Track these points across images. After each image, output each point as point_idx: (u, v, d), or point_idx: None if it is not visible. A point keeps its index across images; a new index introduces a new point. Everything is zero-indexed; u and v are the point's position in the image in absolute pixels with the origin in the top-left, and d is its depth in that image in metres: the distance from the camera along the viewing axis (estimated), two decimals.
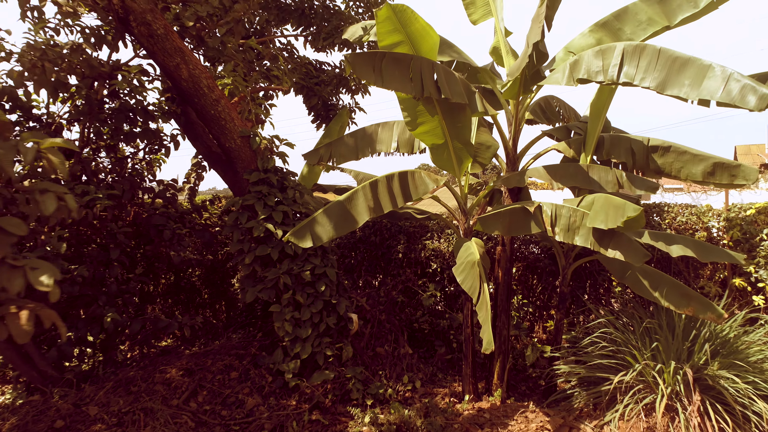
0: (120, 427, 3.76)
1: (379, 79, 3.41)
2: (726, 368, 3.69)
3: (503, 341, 4.67)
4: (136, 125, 4.77)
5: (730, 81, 3.12)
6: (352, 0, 6.91)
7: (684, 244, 3.98)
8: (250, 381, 4.44)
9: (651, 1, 4.23)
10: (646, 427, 3.76)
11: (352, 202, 3.76)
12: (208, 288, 7.29)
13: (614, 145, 4.34)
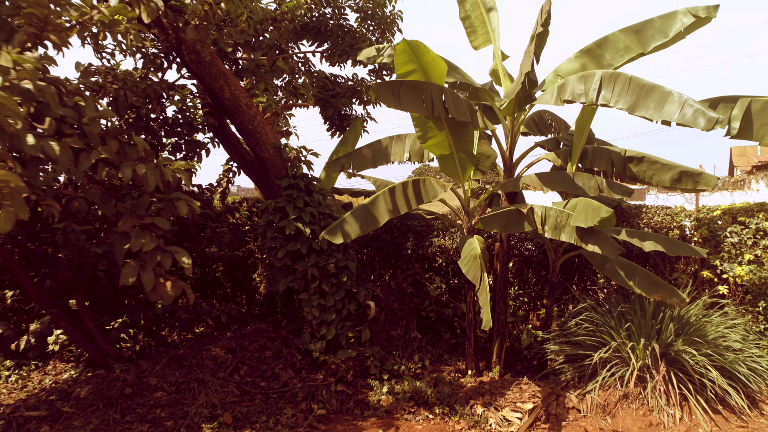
0: (178, 394, 4.47)
1: (397, 102, 4.12)
2: (688, 344, 4.39)
3: (501, 325, 5.37)
4: (182, 137, 5.48)
5: (685, 106, 3.81)
6: (364, 20, 7.61)
7: (655, 241, 4.67)
8: (282, 359, 5.15)
9: (628, 31, 4.92)
10: (622, 395, 4.46)
11: (374, 206, 4.47)
12: (230, 282, 8.00)
13: (596, 155, 5.05)
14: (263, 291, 8.15)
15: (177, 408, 4.31)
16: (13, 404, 4.46)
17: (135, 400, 4.39)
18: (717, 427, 4.02)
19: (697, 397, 4.19)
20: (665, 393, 4.27)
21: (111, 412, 4.18)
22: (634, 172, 4.97)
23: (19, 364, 5.40)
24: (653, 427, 4.13)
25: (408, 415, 4.48)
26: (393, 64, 5.54)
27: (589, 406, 4.47)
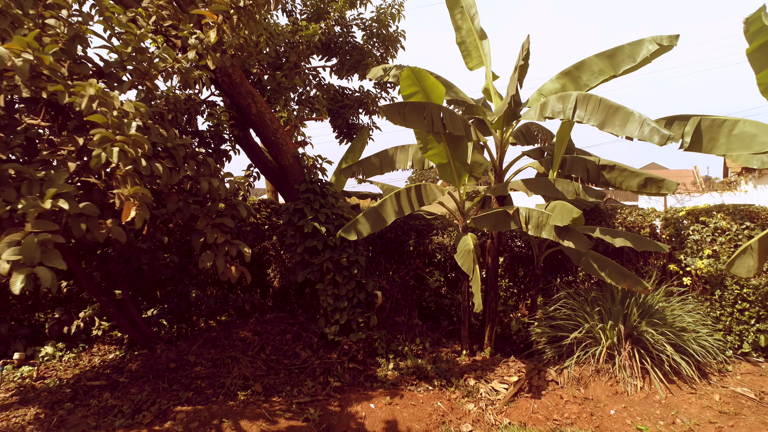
0: (215, 369, 5.23)
1: (402, 120, 4.88)
2: (650, 326, 5.15)
3: (492, 312, 6.13)
4: (210, 147, 6.23)
5: (644, 125, 4.57)
6: (370, 37, 8.36)
7: (624, 238, 5.44)
8: (301, 341, 5.91)
9: (602, 56, 5.69)
10: (594, 369, 5.22)
11: (383, 208, 5.23)
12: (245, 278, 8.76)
13: (574, 163, 5.81)
14: (277, 285, 8.90)
15: (215, 380, 5.06)
16: (73, 377, 5.22)
17: (178, 373, 5.14)
18: (671, 394, 4.78)
19: (656, 370, 4.95)
20: (629, 367, 5.03)
21: (160, 383, 4.94)
22: (606, 178, 5.73)
23: (69, 347, 6.14)
24: (618, 395, 4.89)
25: (411, 387, 5.24)
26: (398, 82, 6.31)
27: (566, 379, 5.23)
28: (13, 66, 2.20)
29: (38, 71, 2.37)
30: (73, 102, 2.39)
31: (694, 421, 4.35)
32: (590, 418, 4.61)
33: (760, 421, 4.29)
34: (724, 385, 4.88)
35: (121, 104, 2.48)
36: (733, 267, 4.47)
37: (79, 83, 2.39)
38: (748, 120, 4.81)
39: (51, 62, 2.39)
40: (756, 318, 5.63)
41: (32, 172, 2.24)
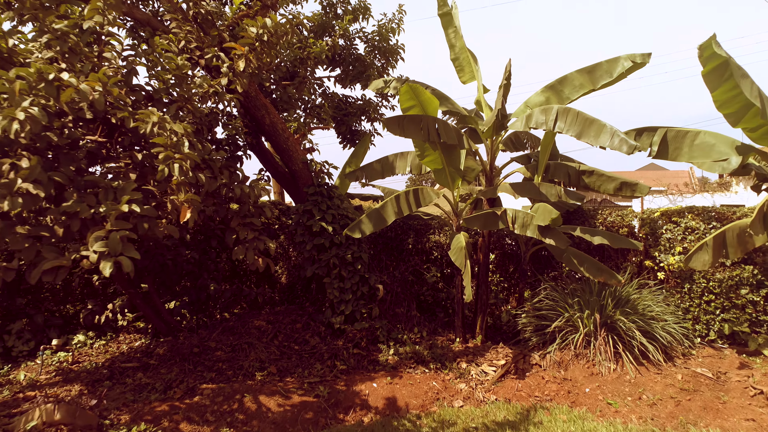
0: (234, 353, 5.84)
1: (402, 131, 5.48)
2: (623, 315, 5.75)
3: (483, 304, 6.74)
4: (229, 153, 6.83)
5: (614, 136, 5.16)
6: (372, 50, 8.96)
7: (602, 236, 6.04)
8: (310, 329, 6.51)
9: (582, 71, 6.28)
10: (573, 354, 5.82)
11: (384, 209, 5.84)
12: (255, 274, 9.35)
13: (557, 169, 6.41)
14: (284, 281, 9.50)
15: (234, 362, 5.67)
16: (107, 361, 5.83)
17: (201, 356, 5.75)
18: (640, 374, 5.39)
19: (627, 353, 5.55)
20: (604, 351, 5.64)
21: (186, 365, 5.55)
22: (586, 182, 6.34)
23: (98, 335, 6.75)
24: (594, 376, 5.49)
25: (409, 370, 5.85)
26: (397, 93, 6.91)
27: (548, 363, 5.83)
28: (93, 99, 2.79)
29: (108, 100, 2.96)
30: (137, 126, 2.99)
31: (658, 396, 4.95)
32: (567, 395, 5.22)
33: (715, 396, 4.89)
34: (687, 367, 5.48)
35: (167, 123, 3.08)
36: (691, 261, 5.08)
37: (143, 111, 2.98)
38: (708, 131, 5.42)
39: (118, 93, 2.98)
40: (721, 309, 6.23)
41: (107, 182, 2.83)
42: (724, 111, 4.97)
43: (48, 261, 2.70)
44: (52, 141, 2.82)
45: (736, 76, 4.60)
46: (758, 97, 4.67)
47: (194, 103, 3.71)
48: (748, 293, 6.12)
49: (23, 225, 2.78)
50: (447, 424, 4.65)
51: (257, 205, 4.16)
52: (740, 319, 6.15)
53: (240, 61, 3.88)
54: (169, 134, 2.95)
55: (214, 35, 5.44)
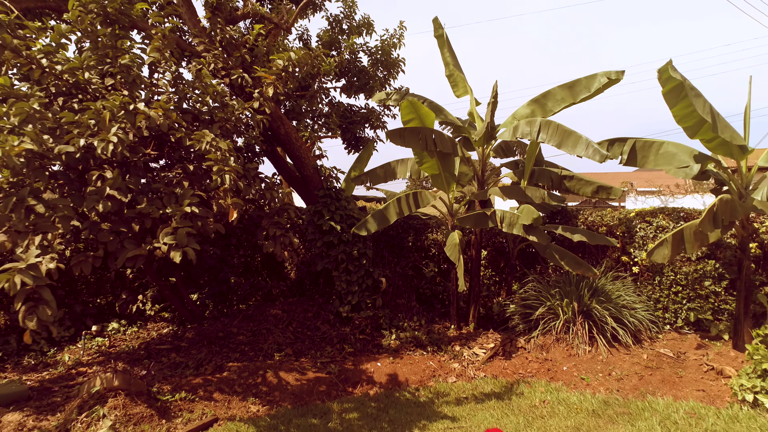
0: (254, 337, 6.59)
1: (402, 141, 6.24)
2: (597, 304, 6.51)
3: (476, 295, 7.50)
4: (247, 159, 7.59)
5: (588, 147, 5.91)
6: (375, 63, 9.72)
7: (581, 234, 6.79)
8: (320, 318, 7.27)
9: (563, 87, 7.03)
10: (554, 338, 6.58)
11: (387, 210, 6.60)
12: (266, 269, 10.11)
13: (541, 174, 7.17)
14: (293, 276, 10.26)
15: (255, 345, 6.43)
16: (142, 344, 6.59)
17: (226, 340, 6.51)
18: (611, 355, 6.14)
19: (601, 337, 6.31)
20: (581, 335, 6.39)
21: (212, 347, 6.31)
22: (567, 186, 7.10)
23: (129, 323, 7.51)
24: (571, 357, 6.24)
25: (409, 352, 6.60)
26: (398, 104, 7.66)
27: (532, 346, 6.59)
28: (159, 123, 3.53)
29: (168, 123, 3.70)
30: (192, 144, 3.73)
31: (625, 372, 5.71)
32: (547, 372, 5.97)
33: (673, 372, 5.65)
34: (653, 348, 6.24)
35: (217, 141, 3.83)
36: (653, 255, 5.84)
37: (198, 132, 3.73)
38: (671, 142, 6.18)
39: (176, 117, 3.72)
40: (687, 299, 6.99)
41: (169, 189, 3.57)
42: (683, 125, 5.73)
43: (130, 251, 3.44)
44: (125, 156, 3.56)
45: (690, 96, 5.36)
46: (710, 114, 5.43)
47: (232, 123, 4.46)
48: (711, 285, 6.88)
49: (106, 223, 3.52)
50: (441, 395, 5.41)
51: (282, 207, 4.91)
52: (704, 307, 6.91)
53: (269, 88, 4.63)
54: (218, 150, 3.69)
55: (237, 56, 6.19)
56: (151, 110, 3.57)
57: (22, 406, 4.59)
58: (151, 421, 4.45)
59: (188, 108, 4.27)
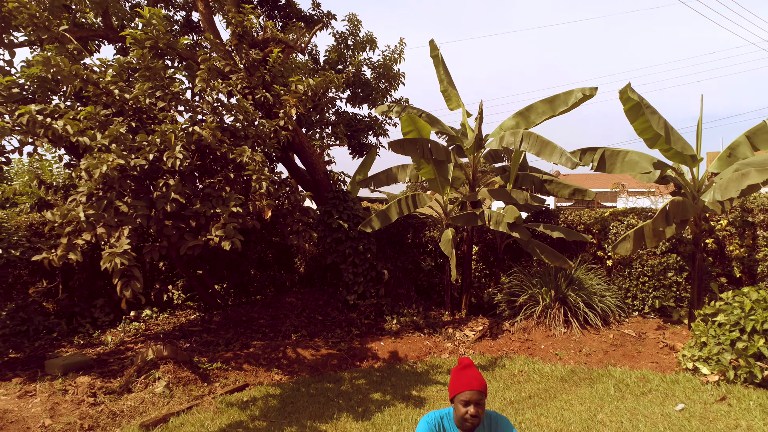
0: (273, 321, 7.55)
1: (403, 151, 7.20)
2: (572, 291, 7.46)
3: (467, 285, 8.45)
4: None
5: (562, 155, 6.86)
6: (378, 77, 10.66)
7: (560, 231, 7.76)
8: (330, 305, 8.22)
9: (545, 101, 7.98)
10: (535, 322, 7.53)
11: (389, 210, 7.55)
12: (277, 264, 11.07)
13: (524, 179, 8.13)
14: (302, 271, 11.21)
15: (274, 328, 7.39)
16: (176, 327, 7.54)
17: (248, 324, 7.47)
18: (583, 335, 7.10)
19: (574, 320, 7.26)
20: (557, 319, 7.34)
21: (237, 329, 7.27)
22: (548, 189, 8.06)
23: (160, 311, 8.46)
24: (549, 337, 7.19)
25: (408, 334, 7.56)
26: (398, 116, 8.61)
27: (516, 329, 7.54)
28: (210, 141, 4.47)
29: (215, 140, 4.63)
30: (234, 157, 4.68)
31: (593, 349, 6.67)
32: (527, 350, 6.93)
33: (634, 348, 6.60)
34: (619, 330, 7.20)
35: (253, 154, 4.77)
36: (617, 248, 6.79)
37: (239, 148, 4.68)
38: (634, 151, 7.15)
39: (219, 135, 4.66)
40: (653, 288, 7.95)
41: (218, 193, 4.51)
42: (643, 137, 6.71)
43: (190, 242, 4.38)
44: (182, 167, 4.50)
45: (647, 113, 6.33)
46: (663, 128, 6.40)
47: (262, 138, 5.40)
48: (673, 276, 7.84)
49: (168, 220, 4.45)
50: (435, 367, 6.37)
51: (304, 208, 5.85)
52: (667, 295, 7.86)
53: (292, 109, 5.58)
54: (255, 162, 4.63)
55: (258, 76, 7.15)
56: (203, 130, 4.51)
57: (88, 372, 5.55)
58: (195, 383, 5.41)
59: (227, 126, 5.21)
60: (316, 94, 5.85)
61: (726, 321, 5.47)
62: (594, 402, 4.98)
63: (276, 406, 5.03)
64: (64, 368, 5.47)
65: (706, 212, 7.22)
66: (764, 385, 5.01)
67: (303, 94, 5.62)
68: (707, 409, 4.67)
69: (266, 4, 10.98)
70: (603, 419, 4.53)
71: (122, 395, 5.07)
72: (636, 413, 4.63)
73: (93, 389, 5.11)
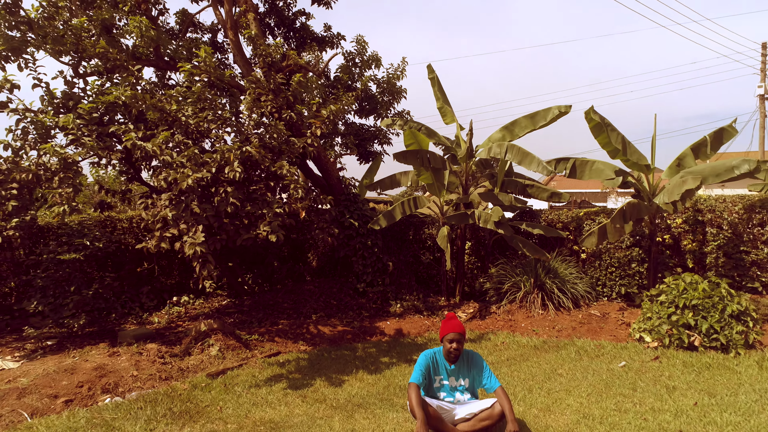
0: (295, 305, 8.90)
1: (405, 160, 8.55)
2: (549, 279, 8.80)
3: (461, 275, 9.80)
4: None
5: (539, 164, 8.20)
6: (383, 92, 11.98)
7: (540, 228, 9.11)
8: (343, 292, 9.57)
9: (527, 117, 9.32)
10: (518, 306, 8.88)
11: (394, 210, 8.90)
12: (292, 259, 12.42)
13: (510, 183, 9.48)
14: (314, 264, 12.56)
15: (296, 310, 8.74)
16: (212, 310, 8.88)
17: (275, 307, 8.82)
18: (557, 315, 8.43)
19: (550, 303, 8.60)
20: (536, 303, 8.68)
21: (266, 311, 8.62)
22: (529, 193, 9.41)
23: (195, 298, 9.80)
24: (529, 318, 8.53)
25: (410, 315, 8.91)
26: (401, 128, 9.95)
27: (501, 311, 8.88)
28: (258, 158, 5.81)
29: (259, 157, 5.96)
30: (275, 170, 6.00)
31: (564, 326, 8.01)
32: (510, 327, 8.27)
33: (597, 325, 7.95)
34: (587, 311, 8.54)
35: (290, 167, 6.08)
36: (584, 242, 8.14)
37: (279, 162, 5.99)
38: (600, 161, 8.49)
39: (263, 153, 5.99)
40: (619, 277, 9.29)
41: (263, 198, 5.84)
42: (605, 149, 8.07)
43: (244, 235, 5.70)
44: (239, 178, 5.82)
45: (607, 131, 7.68)
46: (621, 143, 7.75)
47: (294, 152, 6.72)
48: (636, 266, 9.18)
49: (227, 218, 5.78)
50: (432, 340, 7.71)
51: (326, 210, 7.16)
52: (631, 283, 9.21)
53: (317, 130, 6.91)
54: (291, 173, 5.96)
55: (282, 97, 8.48)
56: (252, 149, 5.84)
57: (153, 341, 6.90)
58: (240, 350, 6.76)
59: (267, 143, 6.53)
60: (336, 117, 7.18)
61: (665, 300, 6.82)
62: (557, 362, 6.33)
63: (306, 365, 6.38)
64: (134, 338, 6.82)
65: (661, 212, 8.57)
66: (690, 348, 6.36)
67: (327, 118, 6.95)
68: (643, 365, 6.02)
69: (284, 26, 12.36)
70: (561, 372, 5.88)
71: (184, 357, 6.42)
72: (587, 369, 5.98)
73: (161, 353, 6.46)
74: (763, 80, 19.41)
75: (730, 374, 5.52)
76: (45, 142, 6.40)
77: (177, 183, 5.22)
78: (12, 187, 6.10)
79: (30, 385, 5.06)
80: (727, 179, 7.42)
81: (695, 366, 5.81)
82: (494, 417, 3.96)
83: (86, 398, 5.07)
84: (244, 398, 5.10)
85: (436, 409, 3.98)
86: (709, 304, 6.46)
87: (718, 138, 8.04)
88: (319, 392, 5.32)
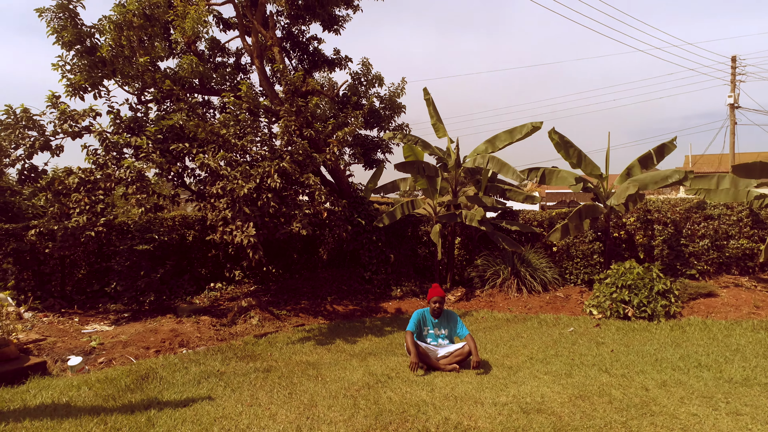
0: (313, 290, 10.73)
1: (404, 170, 10.37)
2: (524, 268, 10.62)
3: (451, 266, 11.62)
4: None
5: (514, 173, 9.99)
6: (385, 107, 13.77)
7: (517, 225, 10.93)
8: (352, 279, 11.39)
9: (506, 131, 11.11)
10: (498, 290, 10.70)
11: (395, 210, 10.72)
12: (306, 252, 14.23)
13: (492, 188, 11.30)
14: (325, 258, 14.37)
15: (314, 293, 10.56)
16: (244, 294, 10.70)
17: (296, 291, 10.64)
18: (530, 297, 10.25)
19: (524, 287, 10.42)
20: (513, 287, 10.50)
21: (290, 294, 10.44)
22: (508, 196, 11.23)
23: (227, 284, 11.60)
24: (506, 300, 10.34)
25: (408, 298, 10.73)
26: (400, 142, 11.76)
27: (484, 295, 10.70)
28: (290, 171, 7.59)
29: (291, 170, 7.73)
30: (303, 180, 7.76)
31: (534, 305, 9.82)
32: (490, 306, 10.09)
33: (560, 304, 9.76)
34: (554, 294, 10.36)
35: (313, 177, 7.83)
36: (550, 237, 9.95)
37: (306, 174, 7.75)
38: (564, 169, 10.31)
39: (294, 167, 7.77)
40: (583, 266, 11.10)
41: (294, 202, 7.62)
42: (567, 161, 9.88)
43: (281, 231, 7.48)
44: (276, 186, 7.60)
45: (566, 147, 9.49)
46: (577, 157, 9.56)
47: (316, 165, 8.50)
48: (597, 257, 10.99)
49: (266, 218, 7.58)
50: None
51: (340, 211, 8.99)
52: (593, 271, 11.01)
53: (335, 148, 8.71)
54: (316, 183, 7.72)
55: (302, 117, 10.28)
56: (286, 164, 7.64)
57: (204, 314, 8.71)
58: (274, 321, 8.58)
59: (296, 158, 8.32)
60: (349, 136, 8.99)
61: (609, 282, 8.65)
62: (522, 329, 8.15)
63: (327, 331, 8.20)
64: (189, 312, 8.64)
65: (616, 212, 10.38)
66: (625, 318, 8.19)
67: (342, 138, 8.76)
68: (587, 330, 7.84)
69: (298, 49, 14.16)
70: (523, 336, 7.70)
71: (231, 326, 8.25)
72: (544, 333, 7.80)
73: (213, 323, 8.28)
74: (732, 90, 21.20)
75: (648, 334, 7.35)
76: (122, 158, 8.21)
77: (234, 191, 7.02)
78: (99, 193, 7.92)
79: (128, 340, 6.88)
80: (662, 186, 9.24)
81: (624, 330, 7.64)
82: (464, 354, 5.78)
83: (168, 350, 6.89)
84: (285, 350, 6.92)
85: (424, 349, 5.80)
86: (641, 284, 8.29)
87: (661, 152, 9.85)
88: (339, 347, 7.14)
